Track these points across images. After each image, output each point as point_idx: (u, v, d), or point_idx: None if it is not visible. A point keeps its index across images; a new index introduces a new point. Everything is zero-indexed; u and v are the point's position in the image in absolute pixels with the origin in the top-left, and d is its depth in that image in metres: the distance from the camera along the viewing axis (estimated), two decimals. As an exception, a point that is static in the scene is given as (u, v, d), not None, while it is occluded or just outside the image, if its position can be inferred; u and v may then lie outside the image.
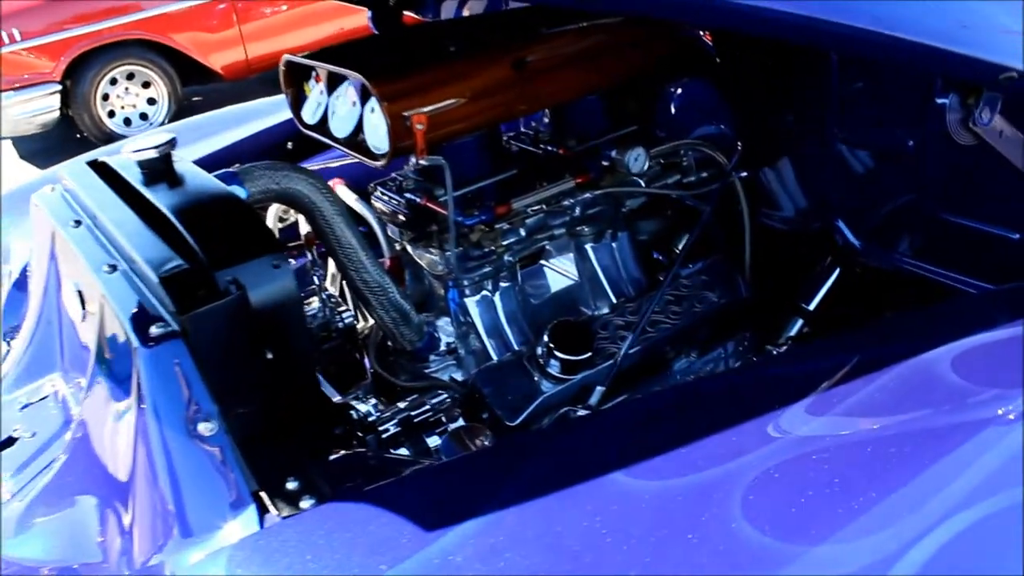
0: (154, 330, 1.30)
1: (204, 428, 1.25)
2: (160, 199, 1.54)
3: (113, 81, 6.87)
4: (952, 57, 1.34)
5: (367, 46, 2.01)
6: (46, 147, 6.94)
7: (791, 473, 1.08)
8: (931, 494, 1.04)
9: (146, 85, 7.02)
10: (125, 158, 1.68)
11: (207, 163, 2.56)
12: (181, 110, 7.06)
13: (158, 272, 1.32)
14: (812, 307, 2.08)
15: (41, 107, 6.49)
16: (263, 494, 1.25)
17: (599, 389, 1.66)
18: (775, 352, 2.06)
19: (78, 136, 6.92)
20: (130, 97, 6.97)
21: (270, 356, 1.37)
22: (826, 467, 1.09)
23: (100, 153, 2.26)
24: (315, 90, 1.89)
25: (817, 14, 1.31)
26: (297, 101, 1.96)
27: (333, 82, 1.82)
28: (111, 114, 6.91)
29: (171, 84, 7.07)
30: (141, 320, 1.34)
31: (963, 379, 1.27)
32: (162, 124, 6.86)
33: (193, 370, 1.28)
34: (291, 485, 1.28)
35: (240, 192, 1.64)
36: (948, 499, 1.04)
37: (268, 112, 2.83)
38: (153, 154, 1.60)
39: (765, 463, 1.10)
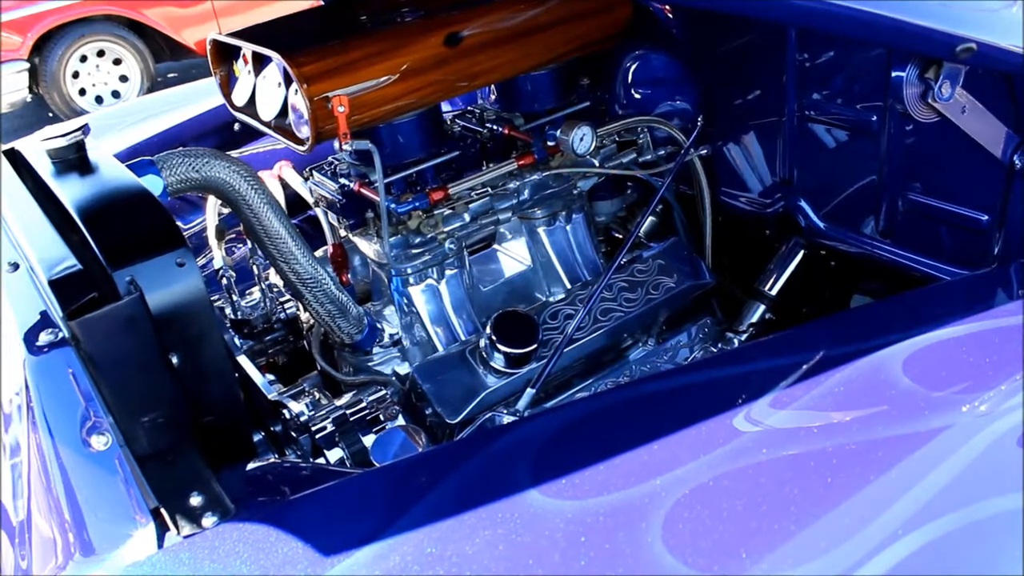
0: (43, 337, 1.20)
1: (97, 441, 1.16)
2: (66, 191, 1.43)
3: (83, 58, 6.72)
4: (905, 28, 1.24)
5: (303, 21, 1.89)
6: (16, 127, 6.80)
7: (721, 491, 0.99)
8: (872, 516, 0.96)
9: (117, 62, 6.87)
10: (37, 147, 1.58)
11: (150, 146, 2.47)
12: (155, 87, 6.92)
13: (49, 274, 1.22)
14: (775, 292, 1.99)
15: (8, 86, 6.34)
16: (164, 510, 1.16)
17: (529, 392, 1.57)
18: (736, 340, 1.98)
19: (50, 115, 6.79)
20: (101, 74, 6.82)
21: (176, 361, 1.27)
22: (760, 485, 1.00)
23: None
24: (243, 71, 1.78)
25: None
26: (227, 82, 1.86)
27: (260, 62, 1.72)
28: (82, 92, 6.77)
29: (143, 61, 6.92)
30: (34, 325, 1.25)
31: (920, 381, 1.18)
32: (136, 101, 6.70)
33: (86, 380, 1.18)
34: (195, 500, 1.19)
35: (157, 182, 1.54)
36: (891, 521, 0.95)
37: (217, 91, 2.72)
38: (62, 143, 1.50)
39: (694, 479, 1.01)
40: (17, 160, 1.67)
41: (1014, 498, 1.03)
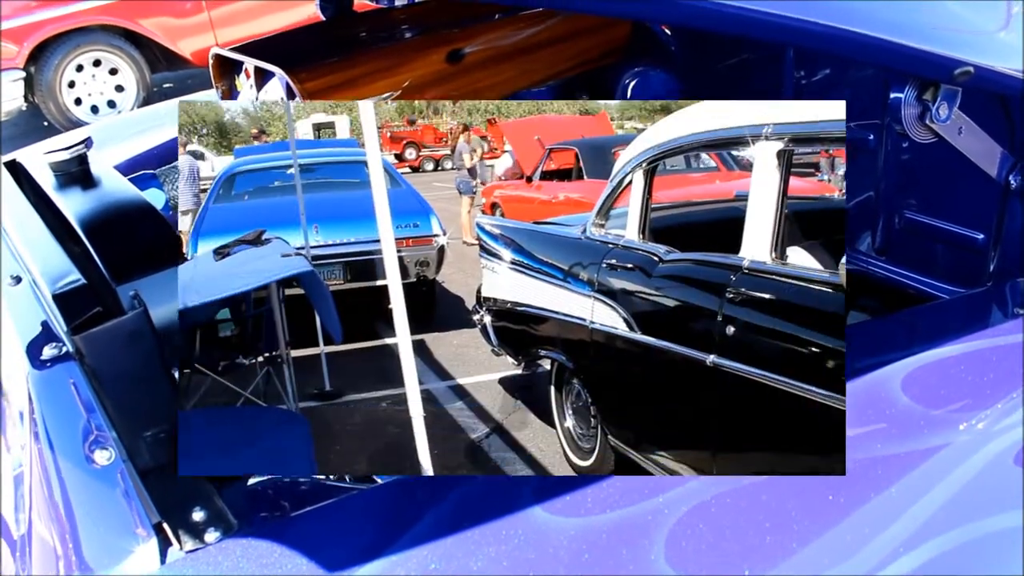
0: (47, 351, 1.21)
1: (100, 456, 1.16)
2: (69, 205, 1.44)
3: (79, 68, 6.72)
4: (905, 51, 1.25)
5: (305, 36, 1.91)
6: (12, 135, 6.79)
7: (724, 508, 1.00)
8: (872, 533, 0.96)
9: (113, 72, 6.87)
10: (39, 159, 1.58)
11: (150, 158, 2.47)
12: (150, 97, 6.91)
13: (53, 288, 1.22)
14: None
15: (4, 95, 6.33)
16: (166, 525, 1.16)
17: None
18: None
19: (45, 124, 6.77)
20: (97, 84, 6.82)
21: (178, 377, 1.27)
22: (762, 502, 1.01)
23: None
24: (245, 85, 1.79)
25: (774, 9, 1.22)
26: (229, 96, 1.86)
27: (263, 77, 1.72)
28: (78, 101, 6.76)
29: (139, 71, 6.92)
30: (37, 339, 1.25)
31: (918, 399, 1.19)
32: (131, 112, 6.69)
33: (89, 394, 1.18)
34: (197, 515, 1.18)
35: (159, 196, 1.55)
36: (892, 539, 0.96)
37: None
38: (65, 155, 1.50)
39: (697, 497, 1.02)
40: (17, 171, 1.67)
41: (1012, 516, 1.04)
